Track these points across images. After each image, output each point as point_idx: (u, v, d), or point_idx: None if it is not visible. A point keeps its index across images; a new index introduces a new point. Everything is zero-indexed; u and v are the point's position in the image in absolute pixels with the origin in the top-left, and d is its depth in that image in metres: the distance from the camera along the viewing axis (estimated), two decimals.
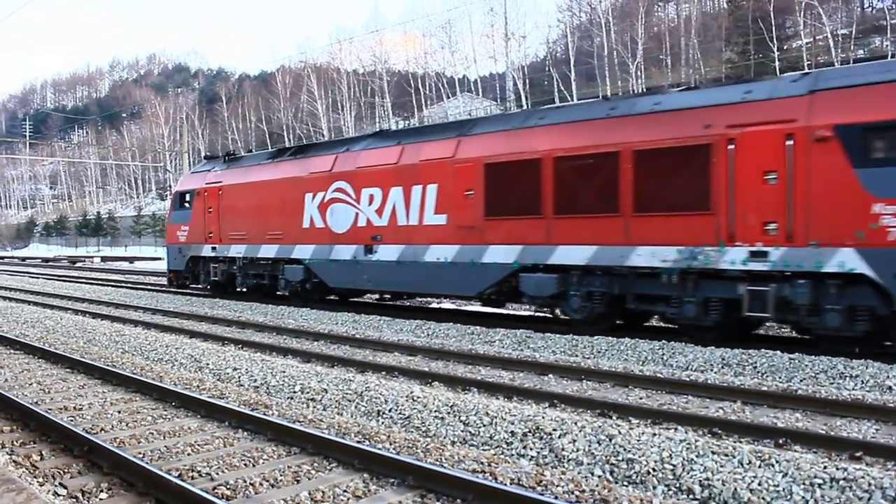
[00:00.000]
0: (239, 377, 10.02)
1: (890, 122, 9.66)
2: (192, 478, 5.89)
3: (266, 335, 14.31)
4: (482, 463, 6.14)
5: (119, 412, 8.13)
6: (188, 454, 6.55)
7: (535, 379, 9.95)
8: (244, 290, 20.84)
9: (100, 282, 29.87)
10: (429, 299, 19.72)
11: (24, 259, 60.86)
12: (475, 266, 14.26)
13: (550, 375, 10.08)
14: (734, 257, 10.96)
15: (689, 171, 11.44)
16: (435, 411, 7.73)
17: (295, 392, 9.08)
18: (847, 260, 9.95)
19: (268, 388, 9.40)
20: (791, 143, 10.39)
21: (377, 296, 19.64)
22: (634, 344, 11.52)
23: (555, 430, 6.79)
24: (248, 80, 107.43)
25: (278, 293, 19.96)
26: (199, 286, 22.73)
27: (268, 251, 19.22)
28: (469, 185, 14.41)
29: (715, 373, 9.91)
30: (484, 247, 14.14)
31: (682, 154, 11.51)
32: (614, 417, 7.74)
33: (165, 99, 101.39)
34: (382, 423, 7.77)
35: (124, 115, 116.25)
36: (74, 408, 8.34)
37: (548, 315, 14.72)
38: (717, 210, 11.12)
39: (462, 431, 7.21)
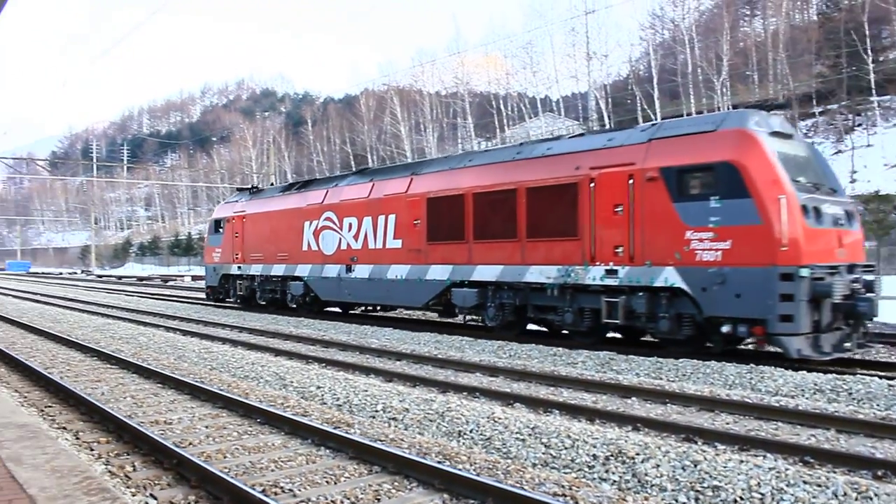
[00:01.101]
0: (322, 395, 10.15)
1: (695, 165, 12.13)
2: (276, 493, 5.98)
3: (349, 354, 14.47)
4: (563, 486, 6.05)
5: (206, 427, 8.34)
6: (272, 470, 6.66)
7: (618, 402, 9.77)
8: (263, 303, 24.25)
9: (190, 300, 30.85)
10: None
11: (120, 278, 63.39)
12: (421, 282, 17.30)
13: (634, 398, 9.88)
14: (595, 275, 13.52)
15: (563, 204, 14.07)
16: (516, 433, 7.66)
17: (377, 411, 9.15)
18: (670, 276, 12.33)
19: (350, 407, 9.50)
20: (632, 181, 12.89)
21: (364, 308, 22.62)
22: (721, 367, 11.22)
23: (638, 454, 6.65)
24: (332, 103, 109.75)
25: (288, 305, 23.06)
26: (230, 300, 26.30)
27: (278, 270, 23.02)
28: (417, 216, 17.50)
29: (806, 398, 9.54)
30: (427, 266, 17.18)
31: (559, 191, 14.18)
32: (699, 443, 7.52)
33: (253, 123, 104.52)
34: (463, 443, 7.74)
35: (214, 139, 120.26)
36: (165, 422, 8.60)
37: (478, 323, 17.51)
38: (583, 236, 13.72)
39: (543, 454, 7.12)
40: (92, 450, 7.43)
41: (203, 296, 31.86)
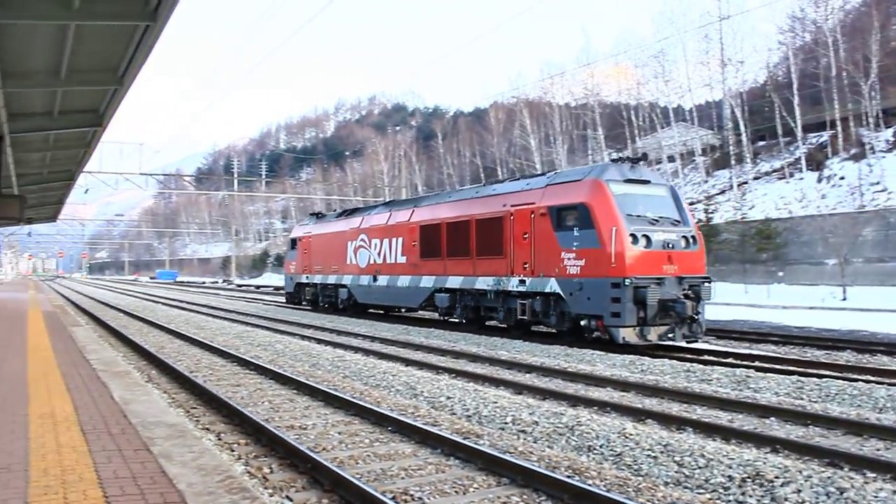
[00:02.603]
0: (452, 406, 10.23)
1: (567, 204, 16.58)
2: (405, 501, 6.07)
3: (479, 366, 14.49)
4: None
5: (339, 433, 8.56)
6: (402, 478, 6.77)
7: (755, 421, 9.36)
8: (325, 305, 30.29)
9: (322, 310, 31.75)
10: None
11: (258, 287, 66.15)
12: (417, 288, 22.56)
13: (772, 418, 9.43)
14: (513, 283, 18.23)
15: (496, 232, 18.87)
16: (647, 450, 7.47)
17: (506, 423, 9.13)
18: (553, 285, 16.82)
19: (479, 418, 9.52)
20: (533, 216, 17.53)
21: (387, 310, 28.15)
22: (869, 389, 10.55)
23: (777, 477, 6.35)
24: (462, 116, 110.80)
25: (339, 307, 28.67)
26: (303, 304, 32.48)
27: (331, 279, 29.02)
28: (414, 239, 22.80)
29: None
30: (420, 276, 22.44)
31: (494, 222, 18.99)
32: (846, 469, 7.06)
33: (385, 137, 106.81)
34: (593, 458, 7.62)
35: (347, 153, 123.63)
36: (300, 427, 8.90)
37: (453, 320, 22.08)
38: (507, 255, 18.43)
39: (675, 472, 6.91)
40: (233, 450, 7.78)
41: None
